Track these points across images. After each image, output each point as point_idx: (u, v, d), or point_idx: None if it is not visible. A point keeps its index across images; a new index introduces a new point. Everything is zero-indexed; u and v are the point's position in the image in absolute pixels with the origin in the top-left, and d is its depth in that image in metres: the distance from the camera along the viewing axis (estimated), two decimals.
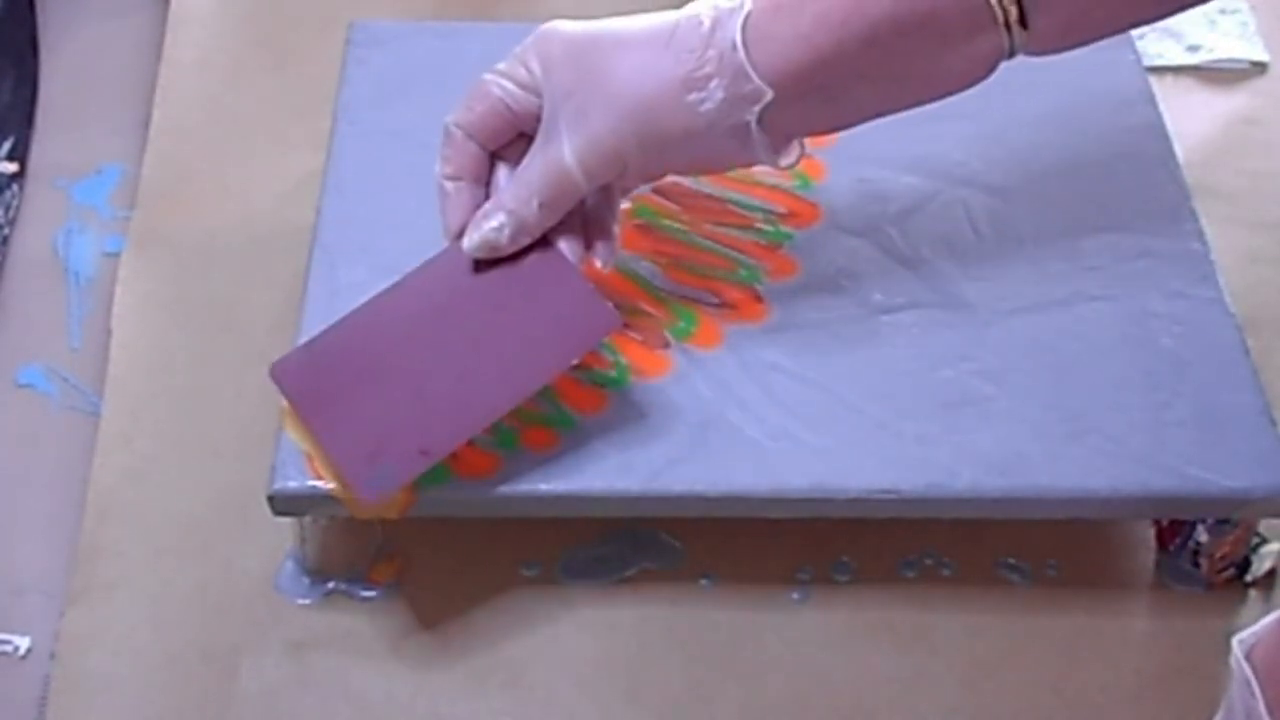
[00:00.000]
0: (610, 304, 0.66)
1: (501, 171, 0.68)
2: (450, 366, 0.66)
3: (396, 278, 0.69)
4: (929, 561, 0.71)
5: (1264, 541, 0.70)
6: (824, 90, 0.63)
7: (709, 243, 0.75)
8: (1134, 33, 0.87)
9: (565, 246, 0.67)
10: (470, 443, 0.66)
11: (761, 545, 0.71)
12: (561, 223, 0.67)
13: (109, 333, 0.78)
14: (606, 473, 0.66)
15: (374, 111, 0.80)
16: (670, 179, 0.77)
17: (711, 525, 0.70)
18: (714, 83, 0.63)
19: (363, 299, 0.71)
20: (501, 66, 0.67)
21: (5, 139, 0.88)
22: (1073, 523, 0.69)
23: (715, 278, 0.74)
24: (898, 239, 0.75)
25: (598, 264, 0.68)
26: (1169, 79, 0.93)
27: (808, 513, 0.67)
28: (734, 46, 0.63)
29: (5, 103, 0.89)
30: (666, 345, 0.71)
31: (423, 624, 0.68)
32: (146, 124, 0.88)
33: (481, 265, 0.67)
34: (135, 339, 0.78)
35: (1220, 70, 0.95)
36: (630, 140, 0.64)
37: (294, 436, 0.66)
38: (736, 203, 0.77)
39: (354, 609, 0.69)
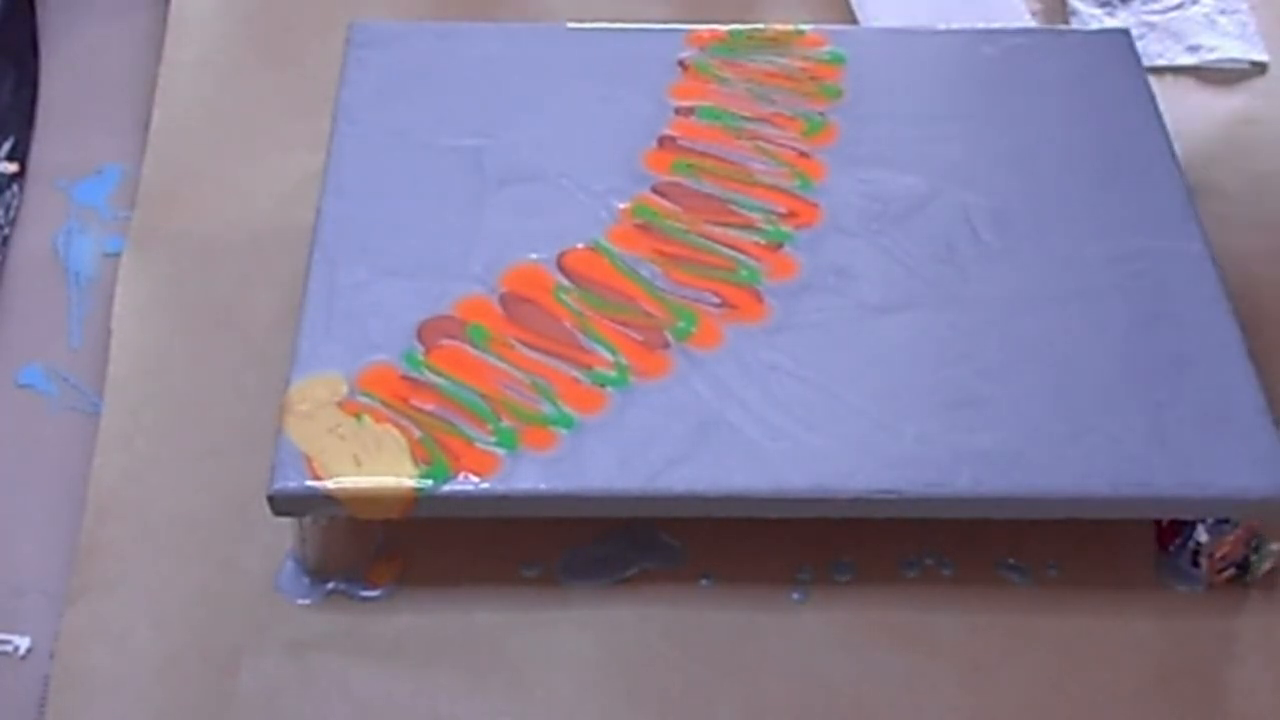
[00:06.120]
0: None
1: None
2: None
3: (396, 278, 0.69)
4: (930, 561, 0.71)
5: (1264, 541, 0.70)
6: None
7: (709, 243, 0.75)
8: (1134, 33, 0.87)
9: None
10: (470, 443, 0.66)
11: (761, 545, 0.71)
12: None
13: (109, 333, 0.78)
14: (606, 473, 0.66)
15: (374, 111, 0.80)
16: (670, 178, 0.78)
17: (711, 525, 0.70)
18: None
19: (363, 299, 0.71)
20: None
21: (5, 139, 0.88)
22: (1073, 523, 0.69)
23: (715, 278, 0.74)
24: (898, 239, 0.75)
25: None
26: (1169, 79, 0.93)
27: (808, 513, 0.67)
28: None
29: (5, 103, 0.89)
30: (666, 345, 0.71)
31: (423, 624, 0.68)
32: (146, 124, 0.88)
33: None
34: (135, 339, 0.78)
35: (1220, 70, 0.95)
36: None
37: (294, 436, 0.66)
38: (736, 203, 0.77)
39: (354, 609, 0.69)
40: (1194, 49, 0.95)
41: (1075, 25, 0.97)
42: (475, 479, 0.66)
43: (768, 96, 0.83)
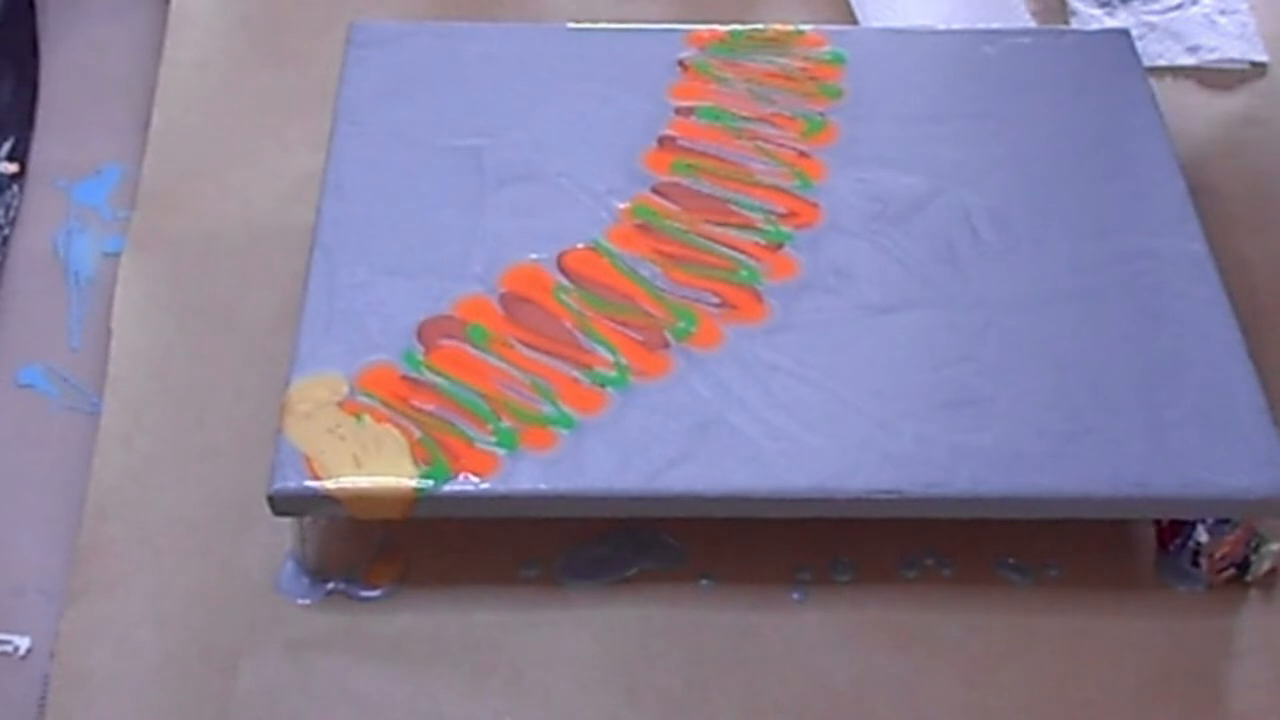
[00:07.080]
0: None
1: None
2: None
3: (396, 278, 0.69)
4: (929, 561, 0.71)
5: (1264, 541, 0.70)
6: None
7: (709, 243, 0.75)
8: (1134, 33, 0.87)
9: None
10: (470, 443, 0.66)
11: (761, 545, 0.71)
12: None
13: (109, 333, 0.78)
14: (606, 473, 0.66)
15: (374, 111, 0.80)
16: (670, 179, 0.78)
17: (711, 525, 0.70)
18: None
19: (363, 299, 0.71)
20: None
21: (5, 139, 0.88)
22: (1073, 523, 0.69)
23: (715, 278, 0.74)
24: (898, 239, 0.75)
25: None
26: (1169, 79, 0.93)
27: (808, 513, 0.67)
28: None
29: (5, 103, 0.89)
30: (666, 345, 0.71)
31: (423, 624, 0.68)
32: (146, 124, 0.88)
33: None
34: (135, 339, 0.78)
35: (1220, 70, 0.95)
36: None
37: (294, 437, 0.66)
38: (736, 203, 0.77)
39: (354, 609, 0.69)
40: (1194, 49, 0.95)
41: (1075, 25, 0.97)
42: (475, 479, 0.66)
43: (768, 96, 0.83)
